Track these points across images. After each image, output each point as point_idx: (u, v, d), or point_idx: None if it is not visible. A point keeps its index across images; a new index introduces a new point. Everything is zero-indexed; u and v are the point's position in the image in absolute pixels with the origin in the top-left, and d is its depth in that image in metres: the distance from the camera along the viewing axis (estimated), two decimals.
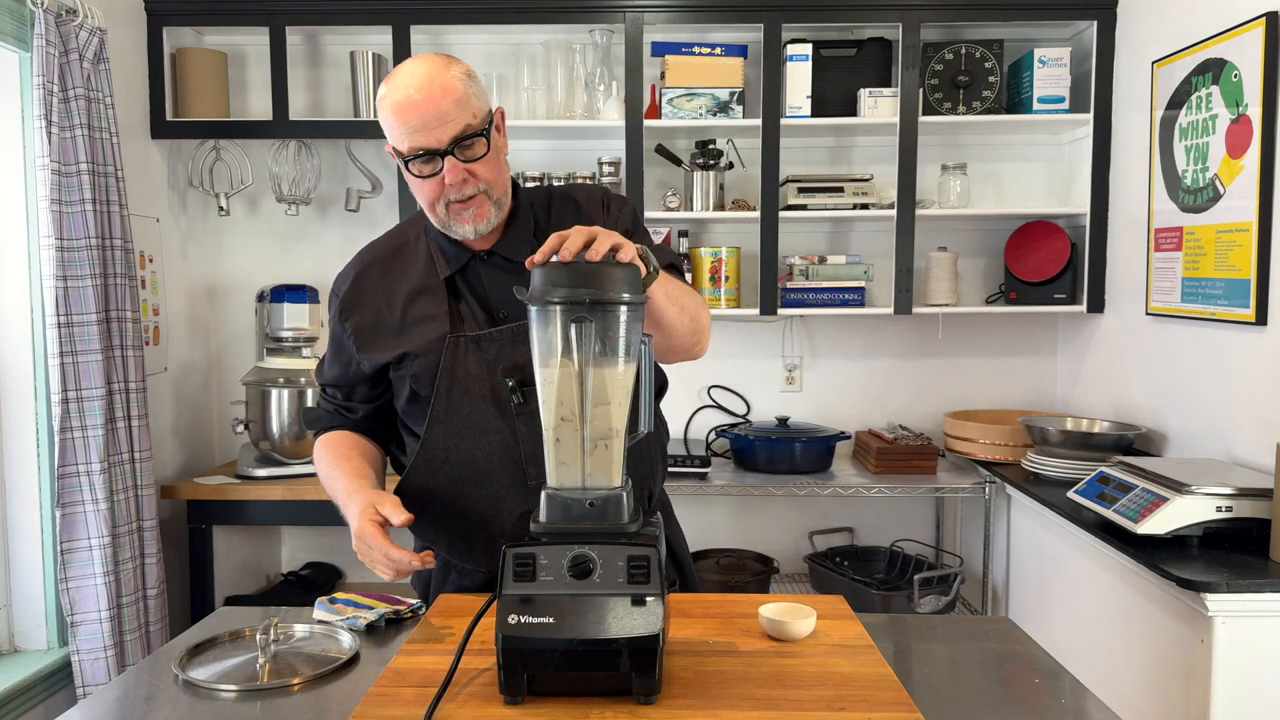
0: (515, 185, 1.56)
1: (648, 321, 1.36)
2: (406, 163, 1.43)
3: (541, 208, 1.56)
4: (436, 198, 1.44)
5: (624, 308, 1.16)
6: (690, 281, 1.57)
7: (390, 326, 1.54)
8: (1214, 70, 2.43)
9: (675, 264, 1.57)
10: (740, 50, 3.06)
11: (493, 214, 1.47)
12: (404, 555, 1.36)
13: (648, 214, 3.04)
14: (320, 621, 1.49)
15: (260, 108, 3.21)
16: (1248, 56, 2.30)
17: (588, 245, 1.18)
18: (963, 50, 3.01)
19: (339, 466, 1.56)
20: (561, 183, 3.10)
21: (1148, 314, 2.75)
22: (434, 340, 1.50)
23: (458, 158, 1.41)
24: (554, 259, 1.18)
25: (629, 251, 1.20)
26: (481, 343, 1.49)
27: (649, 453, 1.62)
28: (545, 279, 1.16)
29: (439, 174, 1.42)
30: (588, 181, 3.06)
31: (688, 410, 3.35)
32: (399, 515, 1.38)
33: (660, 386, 1.72)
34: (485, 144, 1.43)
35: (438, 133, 1.39)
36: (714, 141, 3.09)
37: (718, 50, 3.04)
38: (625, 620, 1.09)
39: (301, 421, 2.89)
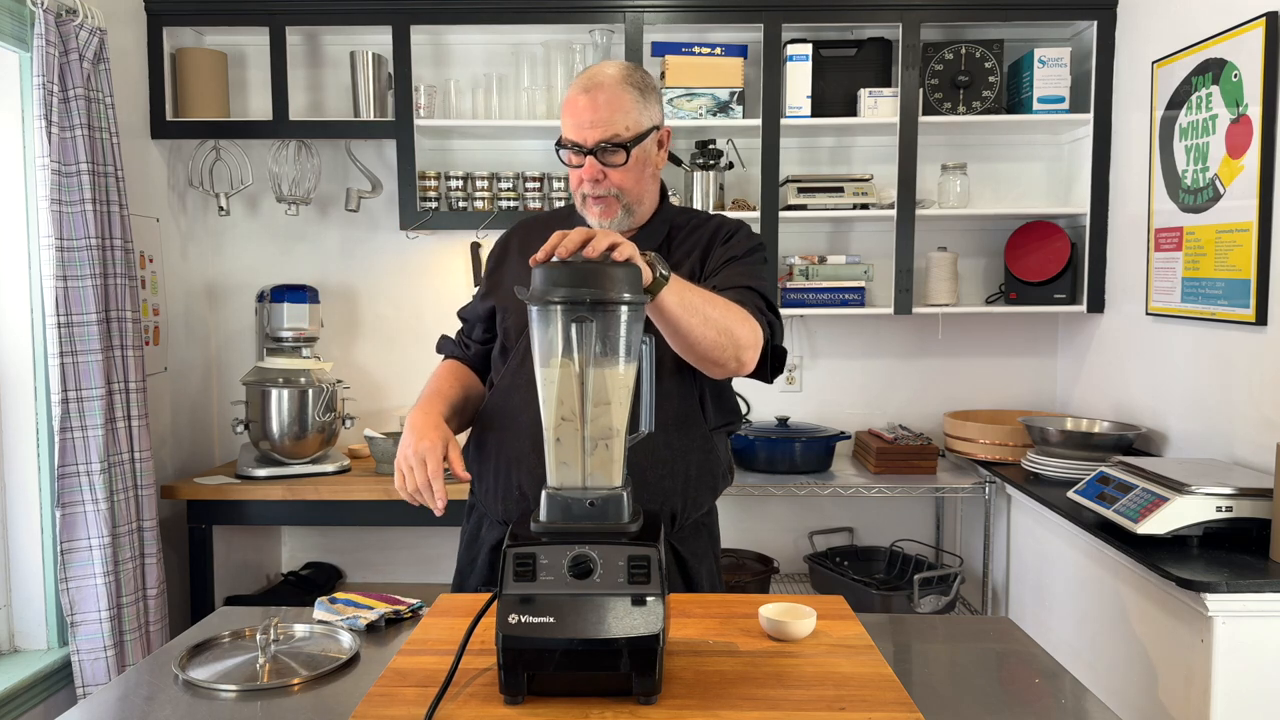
0: (664, 196, 1.73)
1: (665, 329, 1.36)
2: (557, 148, 1.62)
3: (678, 224, 1.72)
4: (576, 186, 1.64)
5: (624, 308, 1.16)
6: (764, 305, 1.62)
7: (510, 278, 1.70)
8: (1214, 70, 2.43)
9: (755, 287, 1.59)
10: (740, 50, 3.06)
11: (620, 216, 1.63)
12: (440, 491, 1.45)
13: None
14: (320, 621, 1.49)
15: (260, 108, 3.21)
16: (1248, 56, 2.30)
17: (585, 244, 1.18)
18: (963, 50, 3.01)
19: (439, 388, 1.70)
20: (561, 183, 3.10)
21: (1148, 314, 2.75)
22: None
23: (598, 159, 1.59)
24: (554, 259, 1.18)
25: (626, 250, 1.20)
26: None
27: (686, 470, 1.62)
28: (546, 279, 1.16)
29: (581, 167, 1.60)
30: None
31: None
32: (461, 468, 1.50)
33: (730, 420, 1.74)
34: (625, 155, 1.59)
35: (587, 133, 1.58)
36: (714, 141, 3.09)
37: (718, 50, 3.04)
38: (625, 620, 1.09)
39: (302, 420, 2.89)
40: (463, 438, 1.65)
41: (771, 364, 1.59)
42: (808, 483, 2.95)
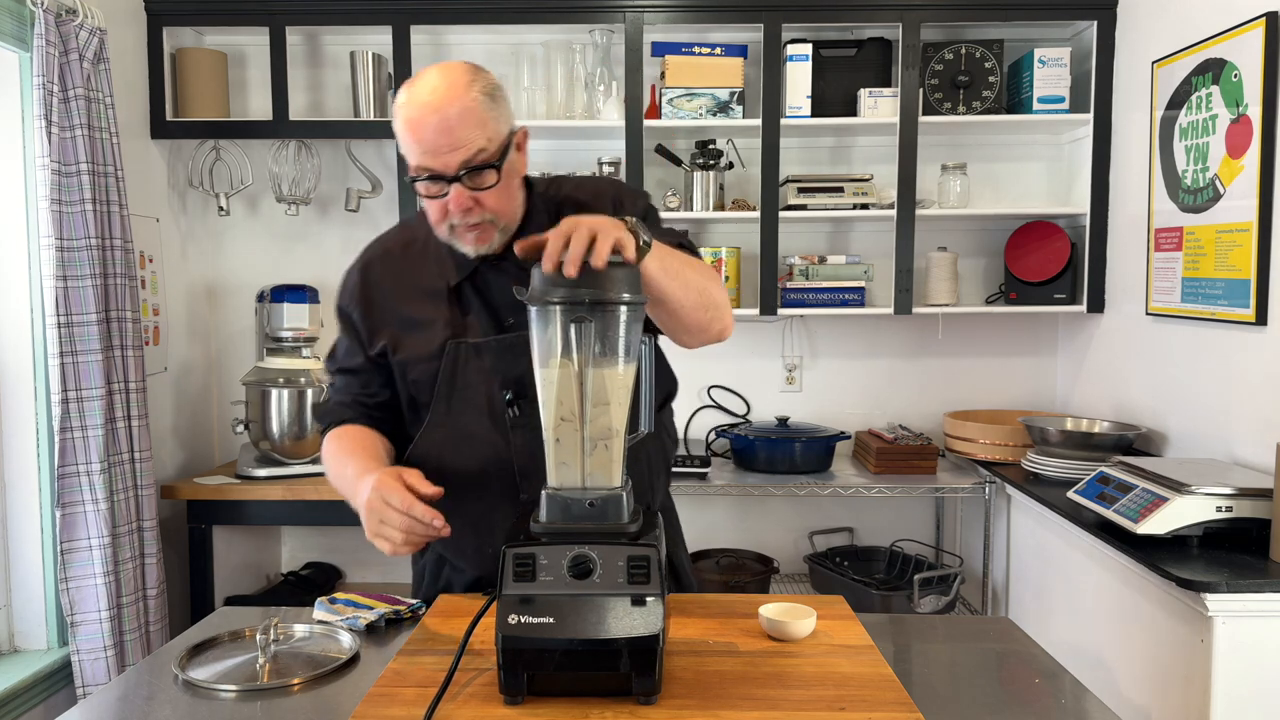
0: (529, 184, 1.52)
1: (649, 299, 1.34)
2: (412, 181, 1.38)
3: (554, 211, 1.48)
4: (441, 219, 1.41)
5: (624, 308, 1.16)
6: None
7: (395, 324, 1.51)
8: (1214, 70, 2.43)
9: (685, 244, 1.48)
10: (740, 50, 3.06)
11: (497, 239, 1.43)
12: (426, 511, 1.26)
13: None
14: (320, 621, 1.49)
15: (260, 108, 3.21)
16: (1248, 56, 2.30)
17: (592, 243, 1.15)
18: (963, 50, 3.01)
19: (353, 455, 1.46)
20: None
21: (1148, 314, 2.75)
22: (434, 347, 1.47)
23: (465, 185, 1.35)
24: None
25: (628, 245, 1.17)
26: (482, 351, 1.47)
27: (648, 461, 1.58)
28: (545, 279, 1.16)
29: (444, 197, 1.37)
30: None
31: (688, 410, 3.35)
32: (427, 485, 1.30)
33: (669, 392, 1.67)
34: (496, 175, 1.37)
35: (447, 158, 1.33)
36: (714, 141, 3.09)
37: (718, 50, 3.04)
38: (625, 620, 1.09)
39: (302, 421, 2.89)
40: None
41: None
42: (808, 483, 2.95)
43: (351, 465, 1.43)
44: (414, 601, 1.57)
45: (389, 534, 1.28)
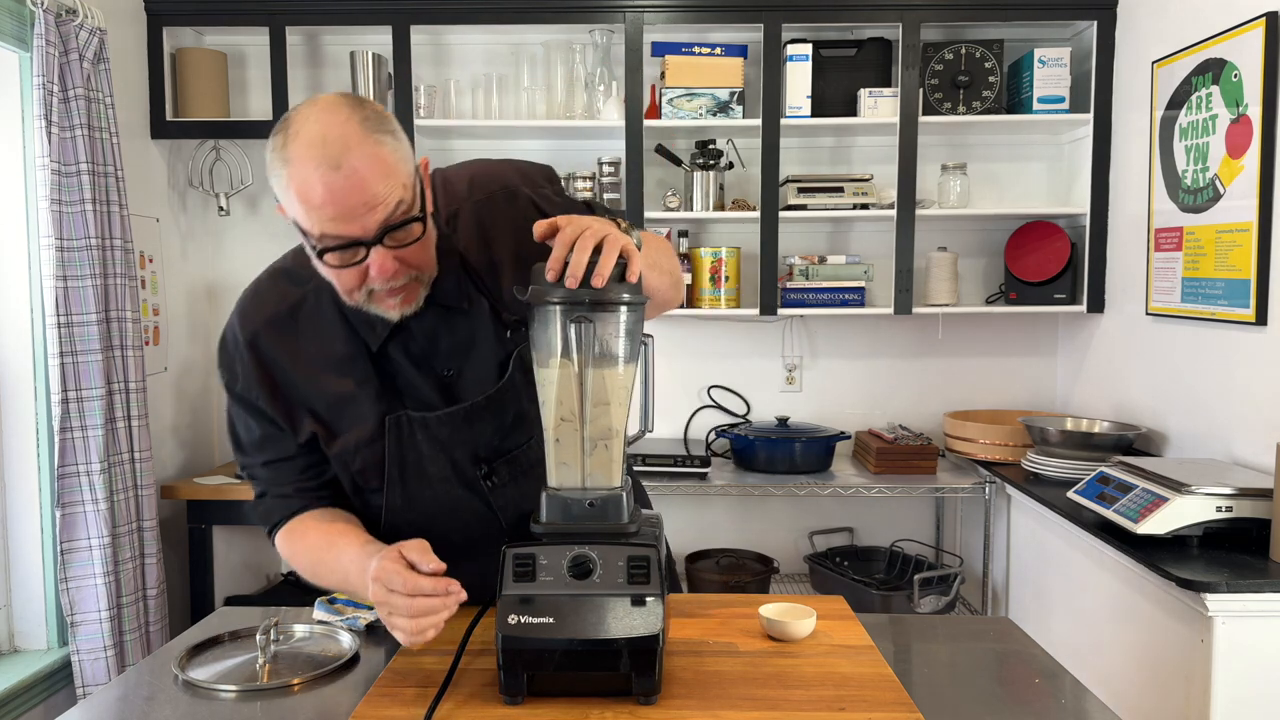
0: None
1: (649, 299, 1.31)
2: (319, 253, 1.14)
3: (463, 231, 1.30)
4: (358, 286, 1.17)
5: (624, 308, 1.16)
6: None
7: (314, 406, 1.30)
8: (1214, 70, 2.43)
9: (620, 218, 1.27)
10: (740, 50, 3.06)
11: (422, 295, 1.22)
12: (436, 584, 1.09)
13: (648, 214, 3.04)
14: (320, 621, 1.49)
15: (260, 108, 3.21)
16: (1248, 56, 2.30)
17: (596, 250, 1.11)
18: (963, 50, 3.01)
19: (336, 547, 1.27)
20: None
21: (1148, 314, 2.75)
22: (373, 427, 1.29)
23: (388, 246, 1.13)
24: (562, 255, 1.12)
25: (636, 267, 1.12)
26: (429, 424, 1.30)
27: None
28: (546, 279, 1.15)
29: (361, 263, 1.14)
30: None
31: (688, 410, 3.35)
32: (430, 559, 1.11)
33: None
34: (422, 227, 1.15)
35: (364, 220, 1.10)
36: (714, 141, 3.09)
37: (718, 50, 3.04)
38: (625, 620, 1.09)
39: None
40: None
41: None
42: (808, 483, 2.95)
43: (346, 559, 1.24)
44: None
45: (401, 625, 1.10)
